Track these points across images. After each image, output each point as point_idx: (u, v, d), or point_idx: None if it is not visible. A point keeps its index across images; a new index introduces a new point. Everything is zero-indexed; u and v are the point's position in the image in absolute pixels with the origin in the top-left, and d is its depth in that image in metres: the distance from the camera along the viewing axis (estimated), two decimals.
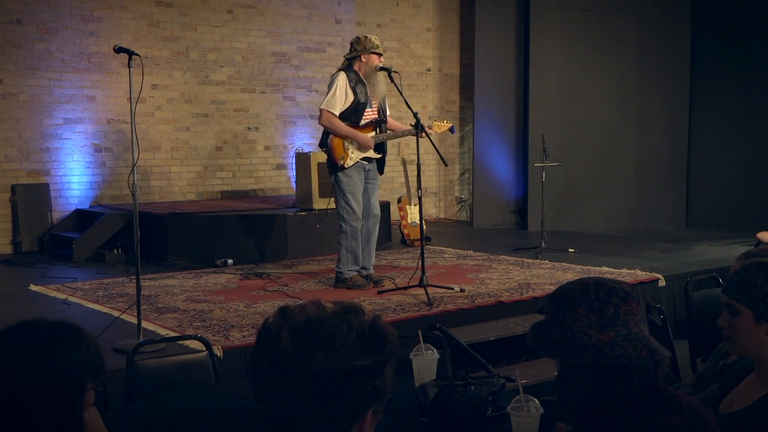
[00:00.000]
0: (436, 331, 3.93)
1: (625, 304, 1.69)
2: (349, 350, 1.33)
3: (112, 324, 4.64)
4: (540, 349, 1.76)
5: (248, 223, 7.39)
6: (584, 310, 1.69)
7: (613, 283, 1.73)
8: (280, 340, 1.34)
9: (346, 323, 1.35)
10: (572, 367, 1.70)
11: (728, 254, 7.11)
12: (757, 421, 2.05)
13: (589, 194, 9.54)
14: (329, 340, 1.33)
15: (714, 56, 9.38)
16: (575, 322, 1.69)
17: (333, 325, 1.35)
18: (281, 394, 1.34)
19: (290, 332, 1.34)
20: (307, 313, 1.37)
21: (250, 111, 9.34)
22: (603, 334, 1.67)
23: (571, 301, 1.72)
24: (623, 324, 1.68)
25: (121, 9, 8.46)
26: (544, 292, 5.60)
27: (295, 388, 1.33)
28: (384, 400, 1.40)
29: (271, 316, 1.40)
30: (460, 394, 2.38)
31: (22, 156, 7.98)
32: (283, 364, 1.33)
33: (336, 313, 1.38)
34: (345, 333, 1.34)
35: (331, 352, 1.32)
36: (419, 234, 6.55)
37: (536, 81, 9.49)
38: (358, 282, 5.78)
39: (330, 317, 1.37)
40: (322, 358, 1.31)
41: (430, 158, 10.41)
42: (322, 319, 1.36)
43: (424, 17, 10.70)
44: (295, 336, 1.33)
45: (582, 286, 1.73)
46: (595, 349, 1.66)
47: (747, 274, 2.14)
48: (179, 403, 2.71)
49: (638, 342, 1.67)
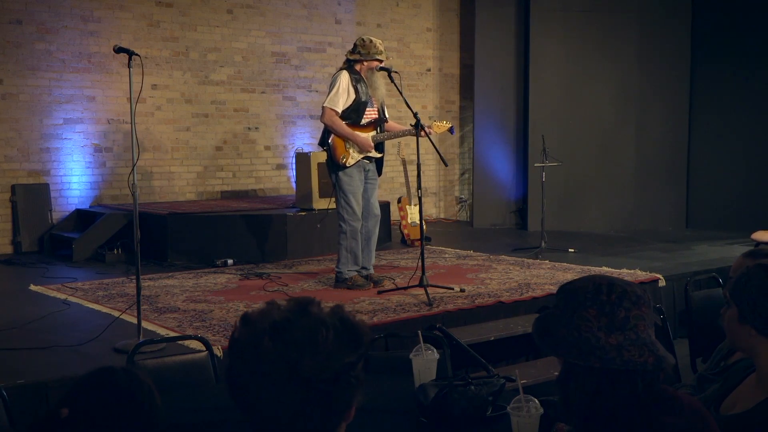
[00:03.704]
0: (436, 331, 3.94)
1: (636, 308, 1.68)
2: (333, 350, 1.34)
3: (112, 324, 4.64)
4: (544, 343, 1.75)
5: (248, 223, 7.39)
6: (595, 311, 1.68)
7: (625, 285, 1.71)
8: (260, 349, 1.33)
9: (321, 323, 1.36)
10: (577, 367, 1.69)
11: (728, 254, 7.11)
12: (758, 423, 2.05)
13: (589, 194, 9.53)
14: (312, 343, 1.33)
15: (714, 56, 9.38)
16: (584, 323, 1.68)
17: (308, 326, 1.35)
18: (274, 401, 1.34)
19: (272, 339, 1.33)
20: (272, 316, 1.37)
21: (250, 111, 9.34)
22: (611, 338, 1.66)
23: (582, 300, 1.70)
24: (632, 328, 1.67)
25: (121, 9, 8.46)
26: (544, 292, 5.60)
27: (290, 394, 1.33)
28: (363, 388, 1.42)
29: (236, 330, 1.39)
30: (460, 394, 2.38)
31: (22, 156, 7.98)
32: (270, 373, 1.33)
33: (297, 310, 1.38)
34: (325, 333, 1.35)
35: (317, 354, 1.33)
36: (419, 234, 6.55)
37: (536, 81, 9.49)
38: (358, 282, 5.78)
39: (297, 317, 1.36)
40: (310, 362, 1.32)
41: (430, 158, 10.41)
42: (291, 320, 1.36)
43: (424, 17, 10.70)
44: (276, 344, 1.33)
45: (595, 285, 1.71)
46: (602, 351, 1.66)
47: (745, 273, 2.17)
48: (179, 403, 2.71)
49: (645, 347, 1.66)
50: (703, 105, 9.54)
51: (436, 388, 2.43)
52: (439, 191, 10.92)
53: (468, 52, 10.56)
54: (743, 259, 3.01)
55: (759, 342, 2.11)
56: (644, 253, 7.55)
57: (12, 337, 4.57)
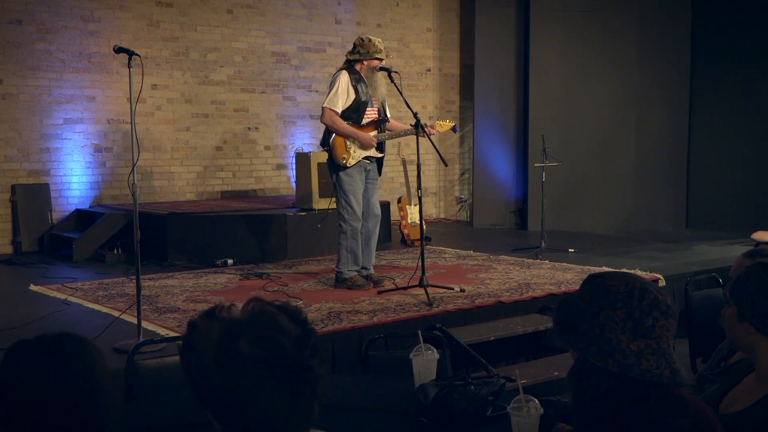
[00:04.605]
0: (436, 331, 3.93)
1: (663, 318, 1.68)
2: (300, 333, 1.39)
3: (112, 324, 4.64)
4: (562, 330, 1.75)
5: (248, 223, 7.39)
6: (623, 314, 1.67)
7: (657, 293, 1.71)
8: (237, 349, 1.36)
9: (274, 311, 1.40)
10: (593, 366, 1.69)
11: (728, 254, 7.11)
12: (758, 422, 2.05)
13: (589, 194, 9.53)
14: (282, 331, 1.37)
15: (714, 56, 9.38)
16: (609, 323, 1.68)
17: (267, 317, 1.39)
18: (260, 400, 1.38)
19: (248, 340, 1.36)
20: (232, 313, 1.42)
21: (250, 111, 9.34)
22: (633, 344, 1.66)
23: (612, 301, 1.69)
24: (656, 338, 1.67)
25: (121, 9, 8.46)
26: (544, 292, 5.60)
27: (275, 389, 1.36)
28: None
29: (201, 331, 1.45)
30: (460, 394, 2.38)
31: (22, 156, 7.98)
32: (280, 363, 1.36)
33: (248, 309, 1.42)
34: (286, 320, 1.39)
35: (292, 339, 1.37)
36: (419, 234, 6.55)
37: (536, 81, 9.49)
38: (358, 282, 5.78)
39: (254, 311, 1.41)
40: (289, 345, 1.36)
41: (430, 158, 10.42)
42: (256, 314, 1.40)
43: (424, 17, 10.70)
44: (255, 342, 1.36)
45: (627, 287, 1.70)
46: (621, 356, 1.66)
47: (745, 272, 2.18)
48: (179, 403, 2.71)
49: (663, 359, 1.67)
50: (703, 105, 9.54)
51: (436, 388, 2.43)
52: (439, 191, 10.93)
53: (468, 52, 10.56)
54: (743, 259, 3.01)
55: (758, 340, 2.12)
56: (644, 253, 7.54)
57: (12, 337, 4.54)
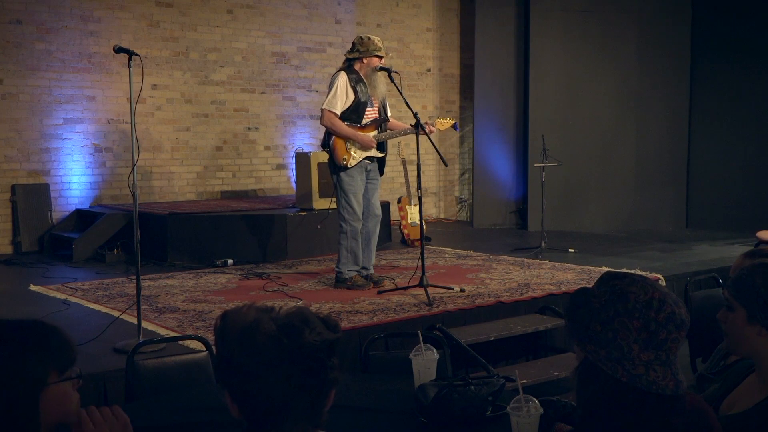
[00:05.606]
0: (436, 331, 3.94)
1: (677, 332, 1.69)
2: (326, 336, 1.54)
3: (112, 324, 4.64)
4: (572, 327, 1.75)
5: (248, 223, 7.39)
6: (639, 324, 1.67)
7: (674, 305, 1.70)
8: (264, 329, 1.51)
9: (311, 315, 1.57)
10: (600, 371, 1.70)
11: (728, 254, 7.11)
12: (758, 424, 2.05)
13: (589, 194, 9.54)
14: (309, 326, 1.53)
15: (714, 56, 9.38)
16: (624, 329, 1.68)
17: (303, 315, 1.55)
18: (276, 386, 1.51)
19: (276, 324, 1.52)
20: (275, 309, 1.57)
21: (250, 111, 9.34)
22: (644, 353, 1.67)
23: (630, 309, 1.69)
24: (666, 350, 1.68)
25: (121, 9, 8.46)
26: (544, 292, 5.60)
27: (290, 375, 1.50)
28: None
29: (234, 319, 1.56)
30: (460, 394, 2.38)
31: (22, 156, 7.98)
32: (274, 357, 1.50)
33: (291, 308, 1.59)
34: (318, 322, 1.56)
35: (317, 334, 1.53)
36: (419, 234, 6.55)
37: (536, 81, 9.49)
38: (358, 282, 5.78)
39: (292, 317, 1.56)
40: (309, 335, 1.52)
41: (430, 158, 10.42)
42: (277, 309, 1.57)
43: (424, 17, 10.70)
44: (281, 327, 1.52)
45: (647, 296, 1.69)
46: (631, 365, 1.66)
47: (748, 273, 2.16)
48: (179, 403, 2.71)
49: (669, 370, 1.68)
50: (703, 105, 9.54)
51: (436, 388, 2.43)
52: (439, 191, 10.92)
53: (468, 52, 10.56)
54: (743, 259, 3.00)
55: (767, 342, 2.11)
56: (644, 253, 7.54)
57: None
